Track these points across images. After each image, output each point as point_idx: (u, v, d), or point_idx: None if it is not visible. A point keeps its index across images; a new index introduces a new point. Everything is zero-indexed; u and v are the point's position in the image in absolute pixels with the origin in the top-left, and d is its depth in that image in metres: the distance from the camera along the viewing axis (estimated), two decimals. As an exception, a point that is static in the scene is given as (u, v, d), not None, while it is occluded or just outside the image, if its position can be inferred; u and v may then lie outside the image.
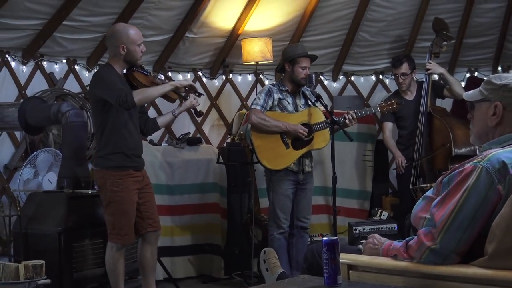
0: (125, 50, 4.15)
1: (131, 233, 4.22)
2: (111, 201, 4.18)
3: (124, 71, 4.29)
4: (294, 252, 5.01)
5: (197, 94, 4.42)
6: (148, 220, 4.31)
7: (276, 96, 4.96)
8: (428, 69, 5.70)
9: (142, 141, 4.43)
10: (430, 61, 5.72)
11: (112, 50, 4.25)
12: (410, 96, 5.83)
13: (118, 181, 4.15)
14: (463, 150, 5.32)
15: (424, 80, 5.76)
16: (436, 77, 5.96)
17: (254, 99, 5.01)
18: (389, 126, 5.94)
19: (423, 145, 5.51)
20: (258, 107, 4.90)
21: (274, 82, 5.12)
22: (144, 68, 4.40)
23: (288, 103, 4.99)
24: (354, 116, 4.89)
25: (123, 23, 4.71)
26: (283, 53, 5.14)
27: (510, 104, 2.38)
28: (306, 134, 4.88)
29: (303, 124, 4.93)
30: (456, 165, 2.37)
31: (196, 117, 4.99)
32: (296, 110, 5.01)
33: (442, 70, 5.79)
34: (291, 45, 5.28)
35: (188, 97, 4.44)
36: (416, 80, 5.92)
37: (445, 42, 5.80)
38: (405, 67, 5.75)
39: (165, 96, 4.38)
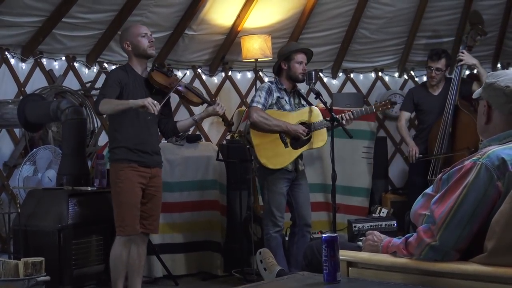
0: (130, 45, 4.27)
1: (134, 225, 4.21)
2: (114, 193, 4.25)
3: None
4: (294, 250, 4.98)
5: (152, 112, 4.09)
6: (144, 221, 4.30)
7: (276, 94, 4.94)
8: (461, 60, 5.57)
9: (155, 139, 4.44)
10: (463, 51, 5.61)
11: (124, 51, 4.40)
12: (435, 91, 5.79)
13: (119, 173, 4.21)
14: None
15: (454, 73, 5.68)
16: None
17: (254, 96, 4.98)
18: (406, 115, 5.93)
19: (446, 139, 5.45)
20: (260, 105, 4.86)
21: (272, 80, 5.09)
22: (169, 70, 4.51)
23: (286, 102, 4.98)
24: (352, 116, 4.89)
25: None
26: (278, 54, 5.13)
27: (495, 103, 2.40)
28: (305, 134, 4.88)
29: (302, 123, 4.93)
30: (456, 162, 2.38)
31: (227, 127, 5.01)
32: (292, 109, 5.00)
33: (475, 61, 5.66)
34: (285, 44, 5.28)
35: (212, 103, 4.49)
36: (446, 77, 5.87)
37: (479, 37, 5.73)
38: (442, 63, 5.69)
39: (188, 100, 4.53)
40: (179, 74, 6.67)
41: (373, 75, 7.35)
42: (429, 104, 5.71)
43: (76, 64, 6.14)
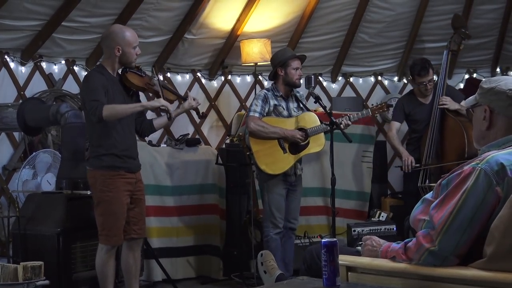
0: (120, 51, 4.13)
1: (120, 235, 4.18)
2: (101, 201, 4.15)
3: (119, 71, 4.28)
4: (281, 253, 5.03)
5: (168, 115, 4.27)
6: (134, 226, 4.27)
7: (272, 102, 4.99)
8: (444, 104, 5.42)
9: (136, 142, 4.37)
10: (445, 97, 5.44)
11: (107, 51, 4.23)
12: (426, 100, 5.65)
13: (108, 181, 4.12)
14: (475, 152, 5.17)
15: (437, 86, 5.55)
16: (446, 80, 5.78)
17: (251, 106, 5.02)
18: (396, 125, 5.78)
19: (434, 145, 5.42)
20: (257, 114, 4.92)
21: (269, 87, 5.12)
22: (140, 69, 4.35)
23: (283, 108, 5.03)
24: (349, 122, 4.95)
25: (120, 24, 4.69)
26: (272, 60, 5.14)
27: (498, 107, 2.40)
28: (303, 139, 4.92)
29: (299, 129, 4.97)
30: (455, 168, 2.38)
31: (200, 119, 4.97)
32: (290, 114, 5.03)
33: (457, 106, 5.47)
34: (278, 51, 5.30)
35: (187, 98, 4.41)
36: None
37: (463, 41, 5.63)
38: (431, 73, 5.52)
39: (164, 98, 4.34)
40: (178, 77, 6.70)
41: (372, 79, 7.35)
42: (421, 113, 5.61)
43: (75, 68, 6.14)
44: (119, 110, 4.09)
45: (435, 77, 5.70)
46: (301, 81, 5.12)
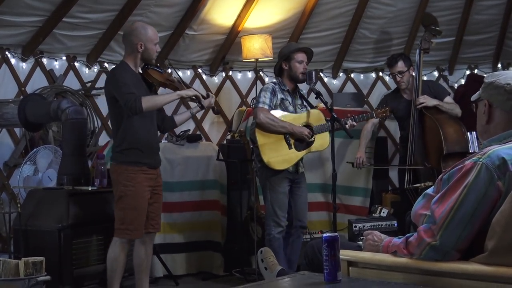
0: (143, 47, 4.23)
1: (140, 229, 4.24)
2: (123, 195, 4.20)
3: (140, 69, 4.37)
4: (289, 251, 5.01)
5: (200, 105, 4.47)
6: (151, 221, 4.33)
7: (279, 96, 4.95)
8: (421, 103, 5.41)
9: (158, 138, 4.47)
10: (421, 96, 5.43)
11: (129, 47, 4.29)
12: (409, 96, 5.65)
13: (131, 176, 4.18)
14: (454, 148, 5.24)
15: (414, 77, 5.58)
16: (432, 75, 5.81)
17: (259, 97, 4.95)
18: (374, 121, 5.81)
19: (415, 145, 5.43)
20: (266, 106, 4.86)
21: (275, 80, 5.10)
22: (159, 66, 4.48)
23: (289, 103, 4.99)
24: (354, 123, 4.97)
25: (141, 22, 4.72)
26: (278, 55, 5.14)
27: (496, 101, 2.41)
28: (310, 136, 4.91)
29: (305, 126, 4.95)
30: (457, 162, 2.38)
31: (215, 115, 5.11)
32: (295, 110, 5.01)
33: (435, 102, 5.48)
34: (285, 45, 5.31)
35: (206, 97, 4.52)
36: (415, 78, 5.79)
37: (434, 38, 5.66)
38: (400, 65, 5.59)
39: (171, 86, 4.48)
40: (180, 74, 6.68)
41: (373, 75, 7.35)
42: (404, 109, 5.61)
43: (76, 64, 6.15)
44: (158, 101, 4.27)
45: (413, 73, 5.66)
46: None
